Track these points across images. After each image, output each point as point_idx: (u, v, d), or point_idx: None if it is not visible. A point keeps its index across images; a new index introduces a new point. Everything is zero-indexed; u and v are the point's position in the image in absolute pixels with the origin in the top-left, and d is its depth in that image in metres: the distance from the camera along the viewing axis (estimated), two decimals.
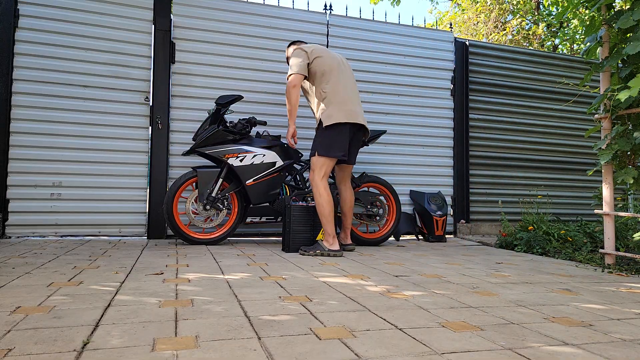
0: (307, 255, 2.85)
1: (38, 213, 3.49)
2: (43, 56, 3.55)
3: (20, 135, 3.48)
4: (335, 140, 2.95)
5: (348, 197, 3.24)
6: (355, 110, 3.01)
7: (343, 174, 3.24)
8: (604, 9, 2.76)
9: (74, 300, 1.52)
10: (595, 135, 5.18)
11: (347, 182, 3.26)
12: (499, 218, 4.68)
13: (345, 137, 2.98)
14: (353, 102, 3.03)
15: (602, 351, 1.15)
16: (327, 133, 2.96)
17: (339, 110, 2.95)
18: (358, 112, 3.03)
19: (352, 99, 3.03)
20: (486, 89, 4.78)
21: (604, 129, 2.76)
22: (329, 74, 3.02)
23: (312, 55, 3.05)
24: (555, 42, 11.15)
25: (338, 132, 2.95)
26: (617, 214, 2.73)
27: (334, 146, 2.94)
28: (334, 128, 2.95)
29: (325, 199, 2.91)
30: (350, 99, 3.02)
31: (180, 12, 3.85)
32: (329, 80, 3.01)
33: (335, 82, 3.02)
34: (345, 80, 3.07)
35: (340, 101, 2.97)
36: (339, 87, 3.01)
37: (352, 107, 3.00)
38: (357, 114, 3.02)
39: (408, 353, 1.09)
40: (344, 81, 3.06)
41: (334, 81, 3.01)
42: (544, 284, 2.08)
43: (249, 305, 1.52)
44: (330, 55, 3.10)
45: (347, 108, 2.97)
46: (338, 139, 2.95)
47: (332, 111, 2.95)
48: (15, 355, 1.01)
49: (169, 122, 3.76)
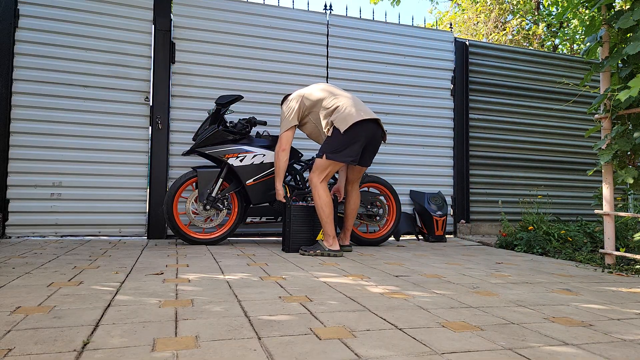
0: (307, 255, 2.85)
1: (38, 213, 3.49)
2: (43, 56, 3.55)
3: (20, 135, 3.48)
4: (348, 145, 2.87)
5: (354, 199, 3.20)
6: (367, 110, 2.99)
7: (354, 176, 3.17)
8: (604, 9, 2.76)
9: (74, 300, 1.52)
10: (595, 135, 5.18)
11: (356, 184, 3.21)
12: (499, 218, 4.68)
13: (361, 141, 2.90)
14: (362, 105, 3.02)
15: (602, 351, 1.15)
16: (342, 137, 2.87)
17: (350, 113, 2.88)
18: (370, 112, 2.99)
19: (359, 103, 3.02)
20: (486, 89, 4.78)
21: (604, 129, 2.76)
22: (326, 96, 3.02)
23: (300, 100, 3.06)
24: (555, 42, 11.15)
25: (354, 136, 2.88)
26: (617, 214, 2.73)
27: (345, 151, 2.87)
28: (350, 133, 2.87)
29: (324, 201, 2.89)
30: (358, 102, 3.01)
31: (180, 12, 3.85)
32: (328, 98, 3.01)
33: (336, 95, 3.01)
34: (343, 91, 3.09)
35: (351, 104, 2.94)
36: (342, 97, 3.00)
37: (364, 108, 2.98)
38: (370, 112, 2.98)
39: (408, 353, 1.09)
40: (343, 93, 3.06)
41: (335, 95, 3.01)
42: (544, 284, 2.08)
43: (249, 305, 1.52)
44: (318, 87, 3.10)
45: (360, 109, 2.94)
46: (352, 143, 2.88)
47: (346, 115, 2.88)
48: (15, 355, 1.01)
49: (169, 122, 3.76)
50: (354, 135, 2.88)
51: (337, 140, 2.89)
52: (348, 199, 3.23)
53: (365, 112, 2.93)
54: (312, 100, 3.04)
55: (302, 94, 3.09)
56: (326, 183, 2.96)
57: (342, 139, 2.87)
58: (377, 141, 3.06)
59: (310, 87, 3.14)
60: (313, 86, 3.14)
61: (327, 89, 3.08)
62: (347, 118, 2.86)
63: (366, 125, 2.91)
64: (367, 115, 2.92)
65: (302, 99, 3.06)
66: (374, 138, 3.00)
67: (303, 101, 3.06)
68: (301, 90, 3.15)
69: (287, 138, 3.04)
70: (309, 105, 3.06)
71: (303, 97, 3.07)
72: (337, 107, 2.95)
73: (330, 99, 3.00)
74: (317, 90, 3.08)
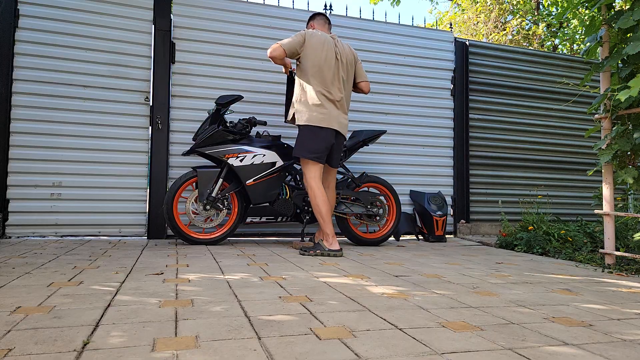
0: (307, 255, 2.85)
1: (38, 213, 3.49)
2: (43, 56, 3.55)
3: (20, 135, 3.48)
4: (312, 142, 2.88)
5: (329, 197, 3.17)
6: (335, 116, 2.91)
7: (325, 176, 3.17)
8: (604, 9, 2.76)
9: (74, 300, 1.52)
10: (595, 135, 5.18)
11: (332, 183, 3.18)
12: (499, 218, 4.68)
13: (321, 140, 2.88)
14: (334, 109, 2.92)
15: (602, 351, 1.15)
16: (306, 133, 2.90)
17: (312, 112, 2.86)
18: (336, 120, 2.91)
19: (333, 109, 2.92)
20: (486, 89, 4.78)
21: (604, 129, 2.76)
22: (314, 73, 2.87)
23: (307, 38, 2.89)
24: (555, 42, 11.15)
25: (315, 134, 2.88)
26: (617, 214, 2.73)
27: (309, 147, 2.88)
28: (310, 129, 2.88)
29: (320, 199, 2.87)
30: (331, 108, 2.91)
31: (180, 12, 3.85)
32: (314, 77, 2.87)
33: (319, 83, 2.88)
34: (334, 84, 2.92)
35: (317, 103, 2.87)
36: (318, 88, 2.88)
37: (334, 113, 2.91)
38: (335, 121, 2.91)
39: (408, 353, 1.09)
40: (329, 87, 2.90)
41: (318, 82, 2.88)
42: (544, 284, 2.08)
43: (249, 305, 1.52)
44: (325, 48, 2.90)
45: (325, 111, 2.87)
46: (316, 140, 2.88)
47: (305, 112, 2.88)
48: (15, 355, 1.01)
49: (169, 122, 3.76)
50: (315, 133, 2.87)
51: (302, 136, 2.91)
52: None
53: (330, 120, 2.87)
54: (307, 60, 2.88)
55: (309, 40, 2.89)
56: (319, 180, 2.91)
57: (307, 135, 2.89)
58: (337, 146, 3.02)
59: (315, 41, 2.90)
60: (318, 44, 2.89)
61: (322, 66, 2.88)
62: (304, 117, 2.88)
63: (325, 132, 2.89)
64: (328, 124, 2.87)
65: (305, 38, 2.89)
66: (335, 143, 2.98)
67: (306, 42, 2.88)
68: (310, 33, 2.93)
69: (273, 50, 2.82)
70: (302, 55, 2.89)
71: (307, 39, 2.89)
72: (305, 100, 2.89)
73: (311, 81, 2.86)
74: (318, 53, 2.88)
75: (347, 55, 3.02)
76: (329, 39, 2.95)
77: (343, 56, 2.98)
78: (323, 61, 2.87)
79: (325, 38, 2.93)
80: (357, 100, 4.28)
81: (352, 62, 3.07)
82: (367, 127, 4.30)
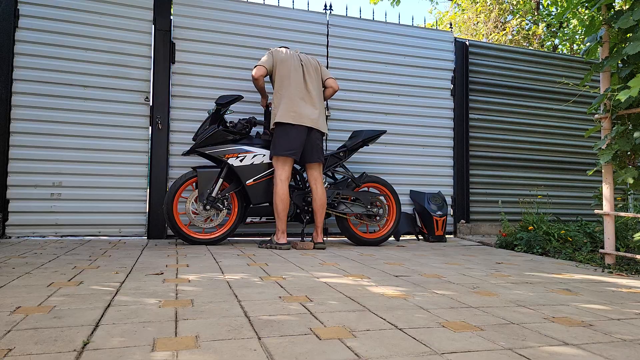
0: (262, 248, 3.16)
1: (38, 213, 3.49)
2: (43, 56, 3.55)
3: (20, 135, 3.48)
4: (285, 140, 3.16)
5: (319, 195, 3.29)
6: (305, 112, 3.18)
7: (310, 172, 3.34)
8: (604, 9, 2.76)
9: (74, 300, 1.52)
10: (595, 135, 5.18)
11: (319, 179, 3.32)
12: (499, 218, 4.68)
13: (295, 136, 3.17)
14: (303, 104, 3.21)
15: (602, 351, 1.15)
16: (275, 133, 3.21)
17: (283, 112, 3.13)
18: (303, 117, 3.18)
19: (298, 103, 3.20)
20: (486, 89, 4.78)
21: (604, 129, 2.76)
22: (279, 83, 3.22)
23: (272, 58, 3.26)
24: (555, 42, 11.15)
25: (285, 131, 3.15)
26: (617, 214, 2.73)
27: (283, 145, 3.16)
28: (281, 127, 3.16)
29: (279, 198, 3.14)
30: (296, 102, 3.19)
31: (180, 12, 3.85)
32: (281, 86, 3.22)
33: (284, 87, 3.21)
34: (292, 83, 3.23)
35: (288, 103, 3.16)
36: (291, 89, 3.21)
37: (301, 109, 3.18)
38: (304, 117, 3.18)
39: (408, 353, 1.09)
40: (291, 86, 3.22)
41: (283, 87, 3.21)
42: (544, 284, 2.08)
43: (249, 305, 1.52)
44: (289, 60, 3.27)
45: (296, 109, 3.16)
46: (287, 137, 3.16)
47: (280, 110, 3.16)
48: (15, 355, 1.01)
49: (169, 122, 3.76)
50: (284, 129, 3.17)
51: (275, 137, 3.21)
52: (313, 195, 3.31)
53: (301, 118, 3.16)
54: (277, 75, 3.24)
55: (276, 55, 3.27)
56: (285, 180, 3.15)
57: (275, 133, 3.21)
58: (312, 141, 3.27)
59: (282, 60, 3.26)
60: (282, 63, 3.25)
61: (290, 71, 3.23)
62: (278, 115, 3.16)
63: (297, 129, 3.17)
64: (300, 122, 3.16)
65: (273, 55, 3.28)
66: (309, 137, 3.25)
67: (274, 61, 3.26)
68: (276, 50, 3.32)
69: (258, 70, 3.19)
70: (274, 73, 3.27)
71: (274, 55, 3.28)
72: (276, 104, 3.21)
73: (284, 84, 3.20)
74: (284, 69, 3.24)
75: (309, 61, 3.37)
76: (291, 51, 3.35)
77: (306, 63, 3.33)
78: (291, 68, 3.23)
79: (288, 50, 3.34)
80: (357, 100, 4.29)
81: (316, 66, 3.40)
82: (367, 127, 4.30)
